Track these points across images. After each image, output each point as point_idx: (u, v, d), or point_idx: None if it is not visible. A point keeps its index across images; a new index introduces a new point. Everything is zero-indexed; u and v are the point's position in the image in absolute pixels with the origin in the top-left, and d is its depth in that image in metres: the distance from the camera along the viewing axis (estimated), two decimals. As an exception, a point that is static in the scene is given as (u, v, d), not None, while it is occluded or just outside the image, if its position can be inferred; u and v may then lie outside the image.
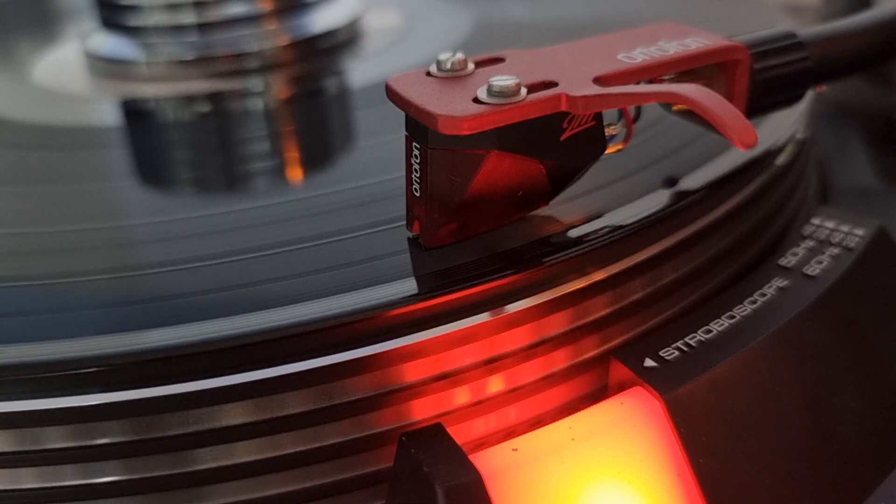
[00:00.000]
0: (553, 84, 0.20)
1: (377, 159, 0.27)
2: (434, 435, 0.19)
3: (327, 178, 0.27)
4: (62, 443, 0.18)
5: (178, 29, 0.36)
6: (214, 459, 0.19)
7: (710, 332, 0.21)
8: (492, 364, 0.20)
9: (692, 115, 0.22)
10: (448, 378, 0.20)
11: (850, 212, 0.25)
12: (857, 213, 0.25)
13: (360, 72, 0.35)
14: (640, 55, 0.21)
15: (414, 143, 0.20)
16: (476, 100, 0.19)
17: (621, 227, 0.21)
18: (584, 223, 0.21)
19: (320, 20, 0.38)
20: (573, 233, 0.21)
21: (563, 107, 0.19)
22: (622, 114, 0.22)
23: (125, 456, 0.19)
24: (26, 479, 0.19)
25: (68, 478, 0.19)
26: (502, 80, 0.19)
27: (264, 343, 0.18)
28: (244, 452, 0.19)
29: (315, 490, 0.20)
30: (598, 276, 0.21)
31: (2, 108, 0.34)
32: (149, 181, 0.28)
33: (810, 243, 0.24)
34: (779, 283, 0.23)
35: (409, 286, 0.19)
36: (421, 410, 0.20)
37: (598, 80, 0.20)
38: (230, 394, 0.18)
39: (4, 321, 0.19)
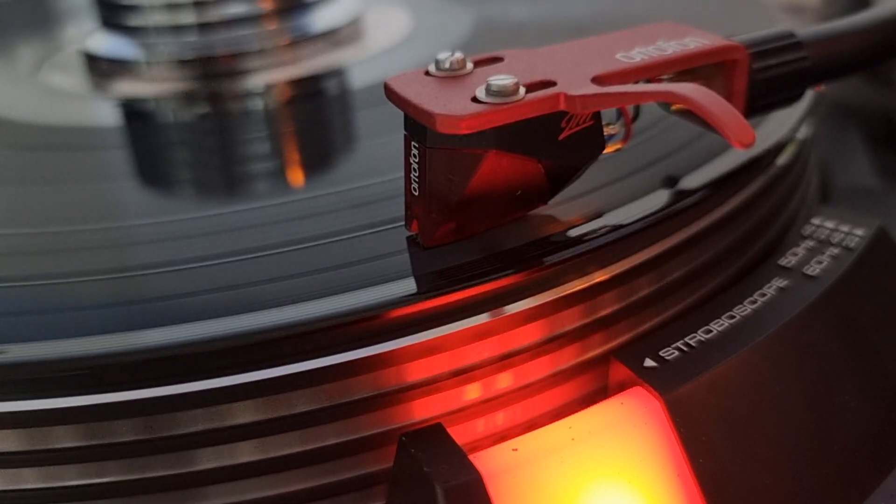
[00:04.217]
0: (551, 83, 0.20)
1: (377, 160, 0.26)
2: (434, 435, 0.19)
3: (327, 179, 0.27)
4: (62, 443, 0.18)
5: (178, 29, 0.36)
6: (214, 460, 0.19)
7: (710, 332, 0.21)
8: (491, 364, 0.20)
9: (691, 114, 0.22)
10: (447, 378, 0.20)
11: (850, 212, 0.25)
12: (857, 213, 0.25)
13: (360, 72, 0.35)
14: (638, 55, 0.21)
15: (413, 143, 0.20)
16: (475, 99, 0.19)
17: (621, 227, 0.21)
18: (583, 223, 0.21)
19: (320, 20, 0.38)
20: (573, 233, 0.21)
21: (562, 106, 0.19)
22: (621, 113, 0.22)
23: (124, 456, 0.19)
24: (28, 479, 0.19)
25: (71, 478, 0.19)
26: (501, 79, 0.19)
27: (264, 343, 0.18)
28: (244, 453, 0.19)
29: (315, 491, 0.20)
30: (598, 276, 0.21)
31: (2, 108, 0.34)
32: (148, 181, 0.28)
33: (810, 243, 0.24)
34: (779, 283, 0.23)
35: (409, 286, 0.19)
36: (421, 410, 0.20)
37: (597, 80, 0.20)
38: (229, 394, 0.18)
39: (4, 321, 0.19)
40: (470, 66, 0.21)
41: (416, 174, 0.20)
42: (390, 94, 0.20)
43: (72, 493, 0.19)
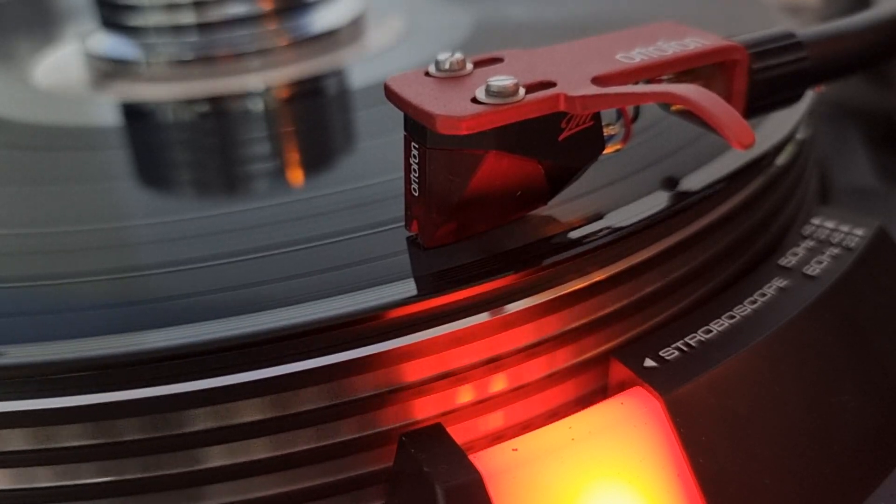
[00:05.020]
0: (551, 84, 0.20)
1: (377, 160, 0.26)
2: (434, 435, 0.19)
3: (327, 179, 0.27)
4: (73, 441, 0.18)
5: (178, 29, 0.36)
6: (215, 459, 0.19)
7: (710, 332, 0.21)
8: (492, 364, 0.20)
9: (690, 115, 0.22)
10: (448, 378, 0.20)
11: (850, 212, 0.25)
12: (857, 213, 0.25)
13: (360, 72, 0.35)
14: (638, 55, 0.21)
15: (413, 143, 0.20)
16: (474, 100, 0.19)
17: (621, 227, 0.21)
18: (583, 224, 0.21)
19: (320, 20, 0.38)
20: (573, 233, 0.21)
21: (562, 107, 0.19)
22: (620, 114, 0.22)
23: (134, 455, 0.19)
24: (40, 478, 0.19)
25: (82, 476, 0.19)
26: (501, 80, 0.19)
27: (265, 344, 0.18)
28: (244, 452, 0.19)
29: (315, 490, 0.20)
30: (598, 276, 0.21)
31: (2, 108, 0.34)
32: (149, 182, 0.28)
33: (810, 243, 0.24)
34: (779, 283, 0.23)
35: (409, 287, 0.19)
36: (421, 410, 0.20)
37: (597, 80, 0.20)
38: (230, 394, 0.18)
39: (4, 321, 0.19)
40: (470, 66, 0.21)
41: (416, 174, 0.20)
42: (390, 94, 0.20)
43: (83, 491, 0.19)
